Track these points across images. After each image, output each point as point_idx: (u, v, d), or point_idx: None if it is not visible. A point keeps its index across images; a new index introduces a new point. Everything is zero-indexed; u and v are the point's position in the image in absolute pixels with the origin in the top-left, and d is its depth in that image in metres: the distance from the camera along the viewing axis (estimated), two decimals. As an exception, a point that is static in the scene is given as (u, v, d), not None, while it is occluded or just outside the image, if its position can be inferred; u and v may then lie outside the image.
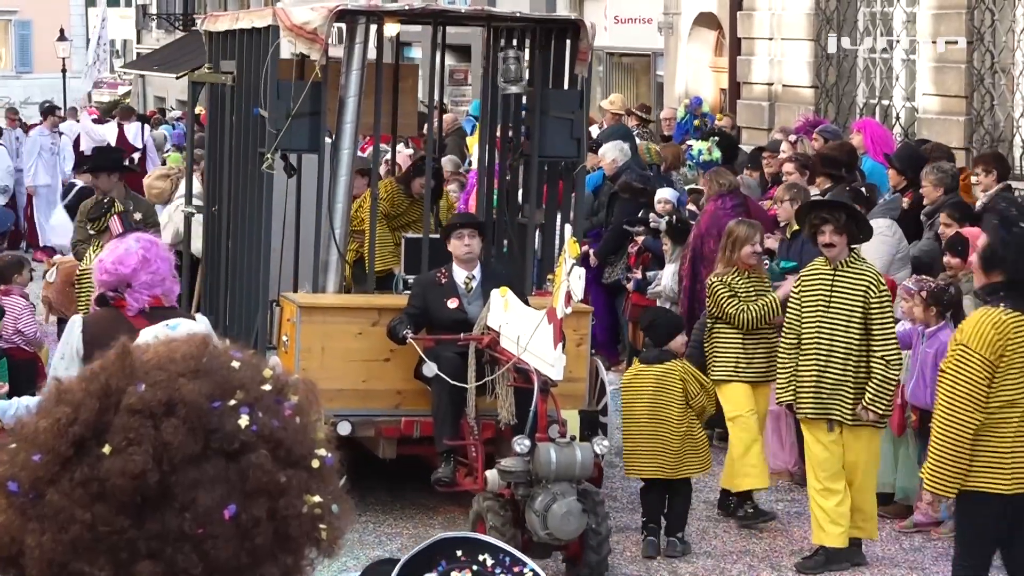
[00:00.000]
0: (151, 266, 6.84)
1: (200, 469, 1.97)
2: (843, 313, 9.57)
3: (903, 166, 12.96)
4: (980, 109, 15.96)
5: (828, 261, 9.68)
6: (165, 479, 1.96)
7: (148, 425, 1.97)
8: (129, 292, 6.85)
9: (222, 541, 1.96)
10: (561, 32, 11.61)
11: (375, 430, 10.52)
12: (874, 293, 9.55)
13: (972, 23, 15.90)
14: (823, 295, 9.63)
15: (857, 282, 9.58)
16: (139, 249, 6.86)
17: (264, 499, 1.98)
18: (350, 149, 11.17)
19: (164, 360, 2.05)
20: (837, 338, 9.57)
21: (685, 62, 22.71)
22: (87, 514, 1.95)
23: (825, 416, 9.64)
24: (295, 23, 10.77)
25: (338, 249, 11.13)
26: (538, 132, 11.30)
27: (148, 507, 1.96)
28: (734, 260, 10.61)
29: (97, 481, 1.95)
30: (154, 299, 6.87)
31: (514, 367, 9.54)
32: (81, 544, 1.95)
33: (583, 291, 8.96)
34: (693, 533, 10.47)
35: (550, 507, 8.89)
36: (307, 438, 2.05)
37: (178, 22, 49.79)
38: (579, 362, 10.54)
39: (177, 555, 1.95)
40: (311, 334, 10.50)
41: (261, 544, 1.98)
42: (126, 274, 6.83)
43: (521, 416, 9.51)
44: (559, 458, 8.99)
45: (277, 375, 2.09)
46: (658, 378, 10.04)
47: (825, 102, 18.67)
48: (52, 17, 54.15)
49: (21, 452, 2.00)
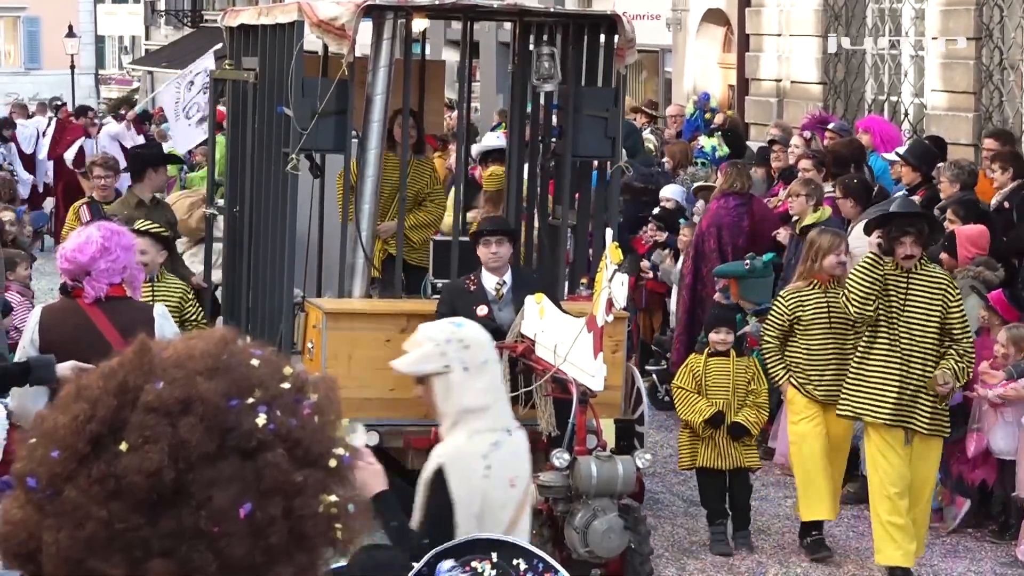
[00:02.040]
0: (111, 255, 6.82)
1: (216, 467, 1.97)
2: (920, 319, 9.40)
3: (917, 163, 12.92)
4: (989, 105, 15.83)
5: (896, 266, 9.44)
6: (181, 477, 1.96)
7: (165, 423, 1.97)
8: (88, 280, 6.83)
9: (237, 539, 1.95)
10: (593, 28, 11.25)
11: (404, 440, 10.17)
12: (951, 298, 9.44)
13: (981, 19, 15.78)
14: (897, 300, 9.40)
15: (933, 287, 9.43)
16: (99, 238, 6.83)
17: (280, 498, 1.98)
18: (377, 149, 10.80)
19: (182, 358, 2.05)
20: (915, 344, 9.38)
21: (693, 58, 22.62)
22: (103, 511, 1.95)
23: (903, 425, 9.37)
24: (321, 18, 10.43)
25: (364, 252, 10.77)
26: (571, 131, 10.94)
27: (163, 505, 1.96)
28: (815, 271, 10.23)
29: (114, 478, 1.95)
30: (114, 288, 6.86)
31: (551, 377, 9.19)
32: (96, 541, 1.95)
33: (626, 298, 8.61)
34: (702, 530, 10.45)
35: (590, 523, 8.59)
36: (325, 437, 2.05)
37: (186, 18, 49.58)
38: (615, 369, 10.13)
39: (192, 553, 1.94)
40: (338, 341, 10.16)
41: (276, 543, 1.97)
42: (84, 262, 6.81)
43: (559, 428, 9.17)
44: (600, 472, 8.66)
45: (297, 373, 2.08)
46: (723, 368, 10.27)
47: (833, 98, 18.51)
48: (61, 14, 54.02)
49: (40, 448, 2.01)
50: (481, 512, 5.13)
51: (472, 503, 5.12)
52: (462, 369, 5.15)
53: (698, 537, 10.42)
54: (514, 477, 5.22)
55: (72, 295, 6.93)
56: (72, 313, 6.83)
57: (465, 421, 5.17)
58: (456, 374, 5.16)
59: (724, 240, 13.02)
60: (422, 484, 5.22)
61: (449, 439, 5.22)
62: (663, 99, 23.35)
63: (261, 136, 11.56)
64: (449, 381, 5.17)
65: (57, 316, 6.90)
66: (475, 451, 5.14)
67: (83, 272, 6.84)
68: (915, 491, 9.44)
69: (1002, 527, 10.51)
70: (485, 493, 5.15)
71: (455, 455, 5.16)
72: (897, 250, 9.38)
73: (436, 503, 5.15)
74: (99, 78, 59.79)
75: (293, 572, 2.00)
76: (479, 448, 5.15)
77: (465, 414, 5.16)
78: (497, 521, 5.15)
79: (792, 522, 10.76)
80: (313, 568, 2.03)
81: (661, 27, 23.19)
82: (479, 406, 5.16)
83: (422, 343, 5.27)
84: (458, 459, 5.14)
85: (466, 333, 5.27)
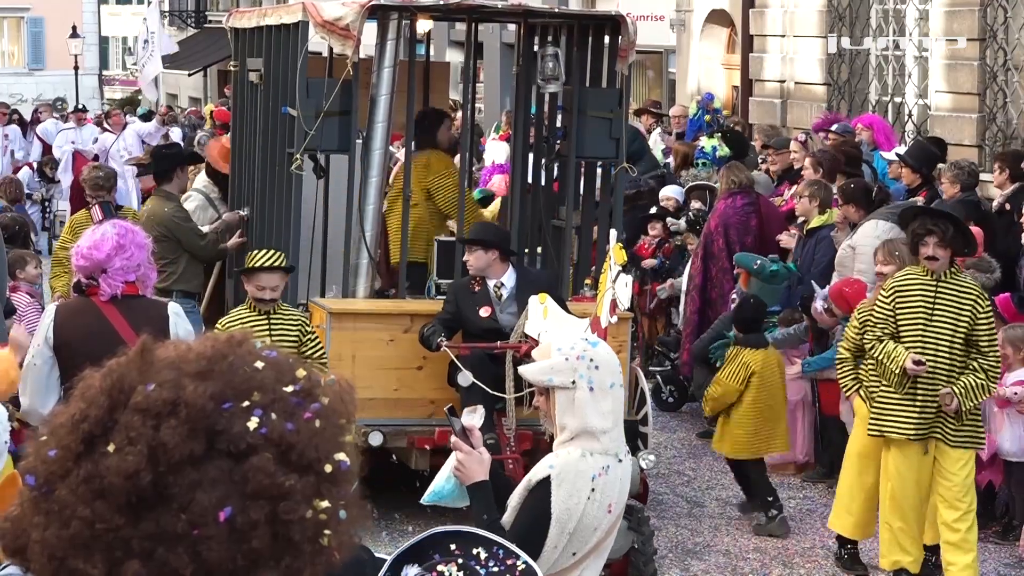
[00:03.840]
0: (125, 252, 6.82)
1: (200, 470, 1.96)
2: (947, 328, 8.98)
3: (918, 164, 12.88)
4: (992, 106, 15.80)
5: (927, 271, 9.04)
6: (161, 479, 1.95)
7: (149, 425, 1.96)
8: (103, 278, 6.84)
9: (216, 542, 1.94)
10: (598, 28, 11.25)
11: (407, 440, 10.17)
12: (980, 309, 8.99)
13: (985, 20, 15.72)
14: (925, 308, 9.02)
15: (962, 297, 8.99)
16: (115, 235, 6.83)
17: (264, 502, 1.96)
18: (381, 149, 10.82)
19: (178, 360, 2.04)
20: (942, 355, 8.99)
21: (697, 59, 22.61)
22: (87, 511, 1.95)
23: (927, 436, 9.06)
24: (326, 19, 10.43)
25: (368, 252, 10.78)
26: (575, 132, 10.94)
27: (144, 506, 1.95)
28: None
29: (98, 478, 1.96)
30: (128, 286, 6.86)
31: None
32: (79, 540, 1.95)
33: (630, 299, 8.61)
34: (706, 530, 10.43)
35: (594, 524, 8.53)
36: (324, 442, 2.01)
37: (190, 19, 49.58)
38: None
39: (169, 555, 1.94)
40: (341, 341, 10.16)
41: (258, 547, 1.96)
42: (100, 259, 6.82)
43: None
44: (604, 473, 8.61)
45: (309, 375, 2.05)
46: (763, 360, 10.69)
47: (837, 99, 18.49)
48: (64, 14, 53.92)
49: (43, 446, 2.02)
50: (574, 530, 5.08)
51: (569, 521, 5.07)
52: (588, 388, 5.08)
53: (702, 538, 10.40)
54: (613, 504, 5.17)
55: (87, 293, 6.92)
56: (87, 311, 6.82)
57: (582, 439, 5.10)
58: (581, 392, 5.09)
59: (732, 239, 12.99)
60: (524, 486, 5.16)
61: (562, 451, 5.13)
62: (667, 100, 23.35)
63: (266, 137, 11.56)
64: (573, 397, 5.09)
65: (72, 314, 6.89)
66: (587, 471, 5.09)
67: (99, 269, 6.84)
68: (950, 500, 9.05)
69: (1006, 528, 10.49)
70: (584, 514, 5.09)
71: (567, 470, 5.08)
72: (920, 249, 8.98)
73: (534, 511, 5.09)
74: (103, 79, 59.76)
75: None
76: (591, 469, 5.09)
77: (584, 433, 5.10)
78: (585, 541, 5.11)
79: (795, 523, 10.76)
80: (300, 573, 2.00)
81: (665, 28, 23.21)
82: (600, 428, 5.10)
83: (552, 354, 5.18)
84: (568, 475, 5.07)
85: (598, 353, 5.17)
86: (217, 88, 40.54)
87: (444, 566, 2.31)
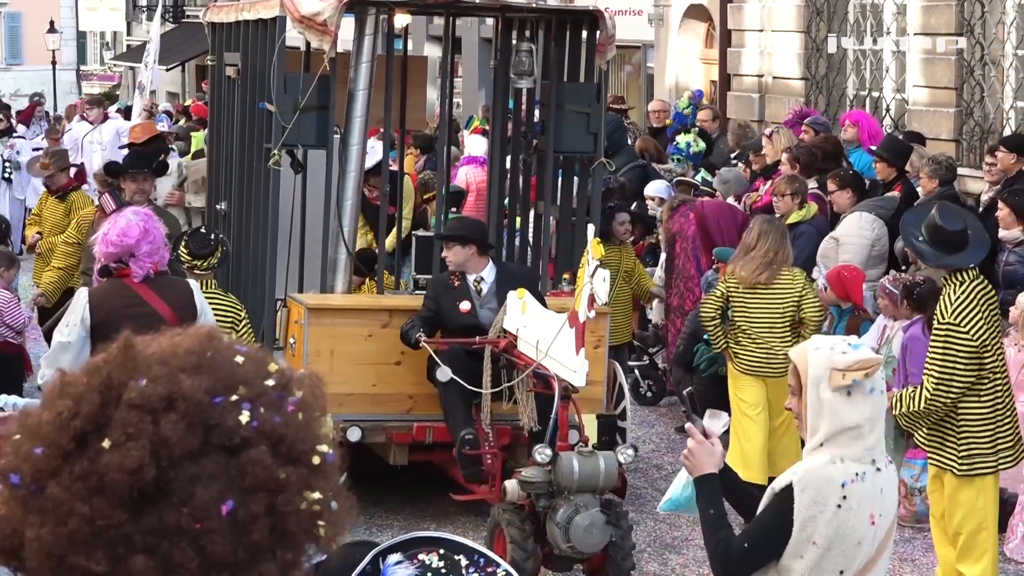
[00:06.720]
0: (150, 236, 7.36)
1: (199, 464, 1.97)
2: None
3: (891, 158, 12.87)
4: (970, 101, 15.83)
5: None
6: (163, 474, 1.96)
7: (147, 420, 1.96)
8: (133, 261, 7.35)
9: (219, 536, 1.95)
10: (575, 24, 11.25)
11: (386, 436, 10.16)
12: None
13: (962, 15, 15.75)
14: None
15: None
16: (139, 221, 7.36)
17: (263, 495, 1.97)
18: (359, 144, 10.80)
19: (166, 355, 2.04)
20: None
21: (675, 54, 22.64)
22: (85, 507, 1.95)
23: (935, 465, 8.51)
24: (304, 14, 10.41)
25: (347, 248, 10.77)
26: (553, 127, 10.93)
27: (146, 502, 1.96)
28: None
29: (96, 475, 1.95)
30: (153, 266, 7.40)
31: (533, 372, 9.18)
32: (79, 537, 1.95)
33: (608, 294, 8.61)
34: (684, 524, 10.34)
35: (572, 519, 8.54)
36: (309, 434, 2.03)
37: (169, 14, 49.42)
38: (596, 365, 10.14)
39: (173, 550, 1.95)
40: (320, 336, 10.14)
41: (259, 540, 1.97)
42: (131, 244, 7.33)
43: (540, 423, 9.16)
44: (582, 468, 8.63)
45: (282, 370, 2.07)
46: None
47: (815, 94, 18.52)
48: (42, 9, 53.77)
49: (24, 444, 2.01)
50: (830, 545, 4.82)
51: (816, 532, 4.81)
52: (846, 392, 4.84)
53: (680, 532, 10.40)
54: (876, 515, 4.87)
55: (117, 275, 7.39)
56: (122, 292, 7.32)
57: (833, 443, 4.84)
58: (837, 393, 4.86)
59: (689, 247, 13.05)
60: (770, 491, 4.95)
61: (809, 459, 4.90)
62: (645, 95, 23.33)
63: (243, 132, 11.54)
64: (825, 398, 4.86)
65: (107, 296, 7.34)
66: (834, 478, 4.82)
67: (128, 254, 7.33)
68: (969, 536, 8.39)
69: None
70: (839, 526, 4.81)
71: (810, 477, 4.84)
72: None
73: (773, 519, 4.89)
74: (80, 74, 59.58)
75: (276, 569, 2.00)
76: (839, 476, 4.82)
77: (836, 435, 4.83)
78: (850, 558, 4.85)
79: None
80: (297, 565, 2.02)
81: (643, 23, 23.23)
82: (854, 424, 4.82)
83: (809, 355, 4.91)
84: (812, 483, 4.83)
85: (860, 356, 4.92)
86: (195, 83, 40.44)
87: (426, 555, 2.33)
